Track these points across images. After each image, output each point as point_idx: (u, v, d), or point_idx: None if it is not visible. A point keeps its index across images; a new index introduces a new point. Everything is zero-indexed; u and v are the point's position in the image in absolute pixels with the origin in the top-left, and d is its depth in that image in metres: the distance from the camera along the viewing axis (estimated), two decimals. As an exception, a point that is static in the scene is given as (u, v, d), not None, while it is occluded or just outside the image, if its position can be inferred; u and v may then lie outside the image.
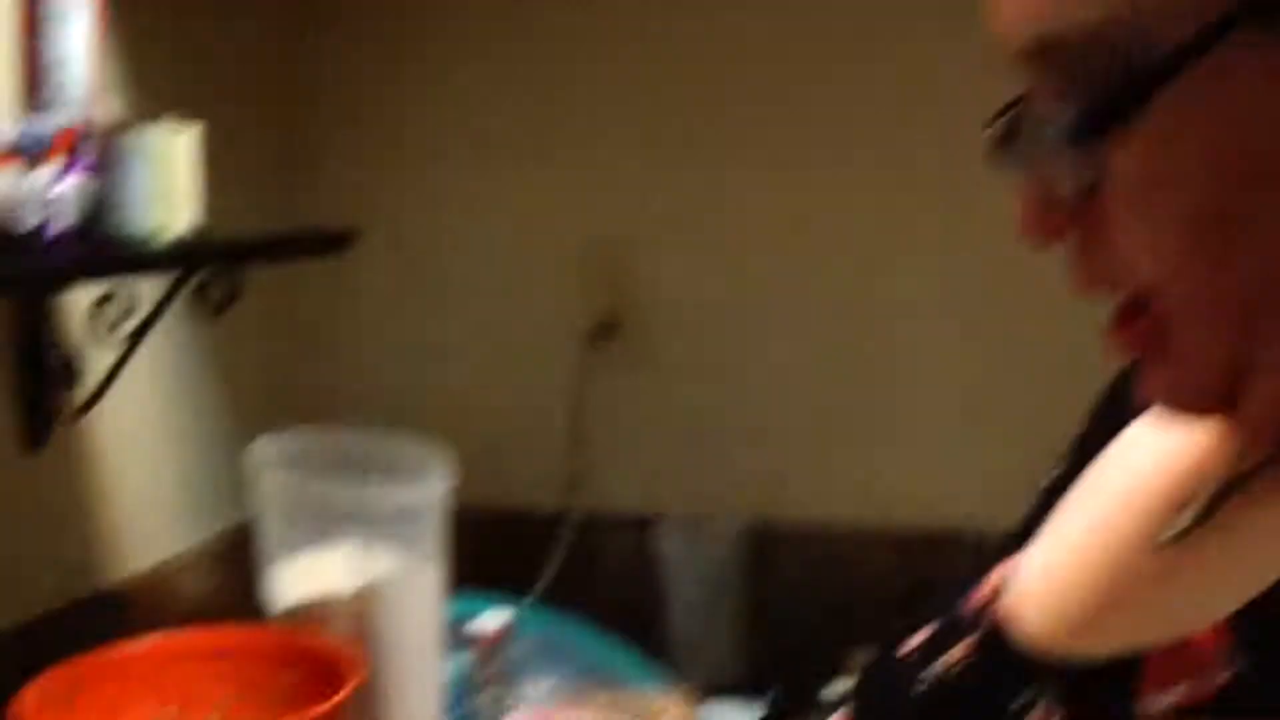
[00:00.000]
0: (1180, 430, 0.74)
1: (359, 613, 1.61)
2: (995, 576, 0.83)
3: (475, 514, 2.04)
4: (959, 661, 0.82)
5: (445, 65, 2.14)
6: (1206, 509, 0.72)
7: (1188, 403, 0.69)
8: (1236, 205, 0.64)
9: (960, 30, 1.13)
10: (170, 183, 1.52)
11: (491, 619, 1.56)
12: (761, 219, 2.03)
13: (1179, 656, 0.76)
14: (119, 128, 1.51)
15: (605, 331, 2.09)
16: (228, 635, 1.56)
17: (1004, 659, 0.79)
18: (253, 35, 2.06)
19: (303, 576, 1.65)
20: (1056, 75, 0.66)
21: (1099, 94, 0.63)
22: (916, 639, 0.86)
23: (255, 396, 2.09)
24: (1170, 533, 0.73)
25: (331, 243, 1.80)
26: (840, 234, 2.01)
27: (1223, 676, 0.75)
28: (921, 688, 0.83)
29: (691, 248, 2.07)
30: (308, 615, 1.62)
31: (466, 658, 1.60)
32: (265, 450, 1.69)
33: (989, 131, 0.71)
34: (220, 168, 1.63)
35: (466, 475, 1.86)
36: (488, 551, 2.04)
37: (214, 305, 1.66)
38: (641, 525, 2.04)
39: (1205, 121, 0.64)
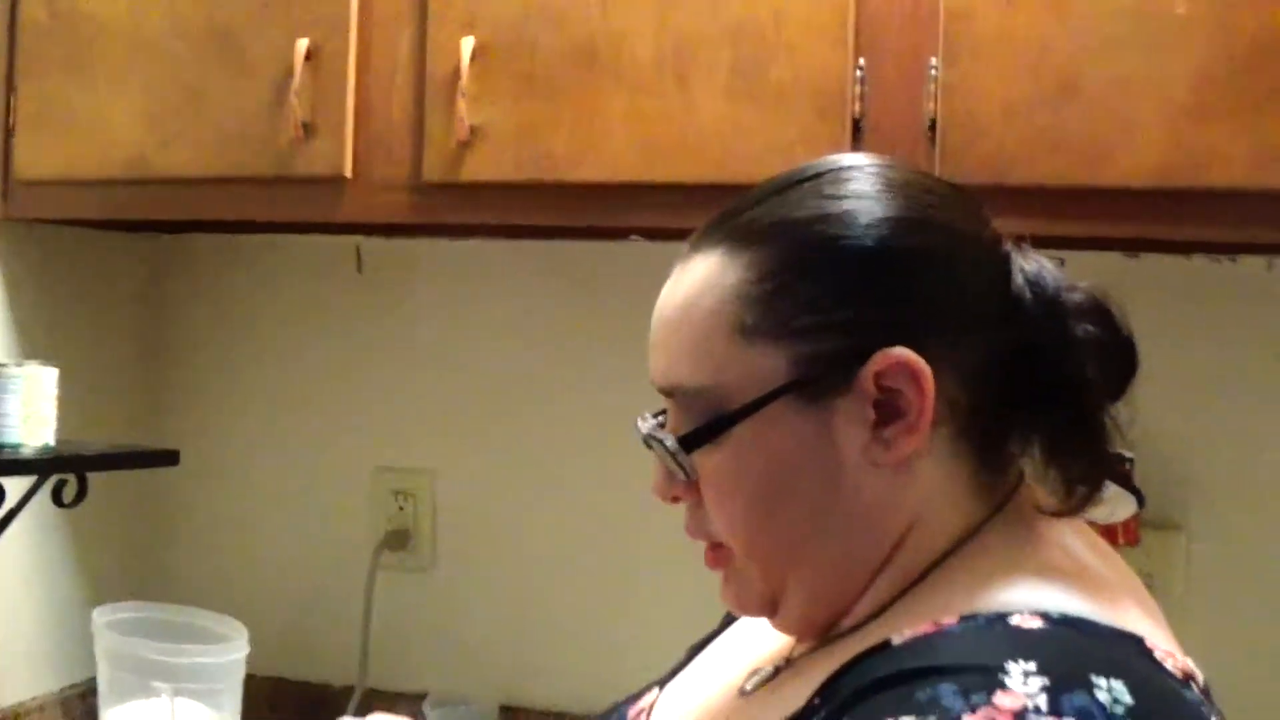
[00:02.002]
0: (764, 628, 1.13)
1: (172, 750, 1.96)
2: (646, 700, 1.21)
3: (282, 685, 2.40)
4: None
5: (264, 327, 2.49)
6: (770, 676, 1.10)
7: (746, 608, 1.10)
8: (772, 499, 1.02)
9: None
10: (35, 408, 1.92)
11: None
12: (523, 456, 2.35)
13: None
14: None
15: (396, 540, 2.40)
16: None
17: None
18: (107, 296, 2.43)
19: (128, 718, 1.98)
20: (677, 405, 1.07)
21: (697, 424, 1.03)
22: None
23: (97, 575, 2.39)
24: (748, 686, 1.12)
25: (159, 458, 2.13)
26: (591, 469, 2.31)
27: None
28: None
29: (468, 475, 2.39)
30: (131, 750, 1.97)
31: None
32: (102, 618, 2.04)
33: (641, 425, 1.10)
34: (81, 397, 2.01)
35: (275, 654, 2.19)
36: (291, 715, 2.38)
37: (66, 502, 1.99)
38: (415, 700, 2.29)
39: (758, 449, 1.01)
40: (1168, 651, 0.92)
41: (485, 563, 2.40)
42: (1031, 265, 1.04)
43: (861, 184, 1.04)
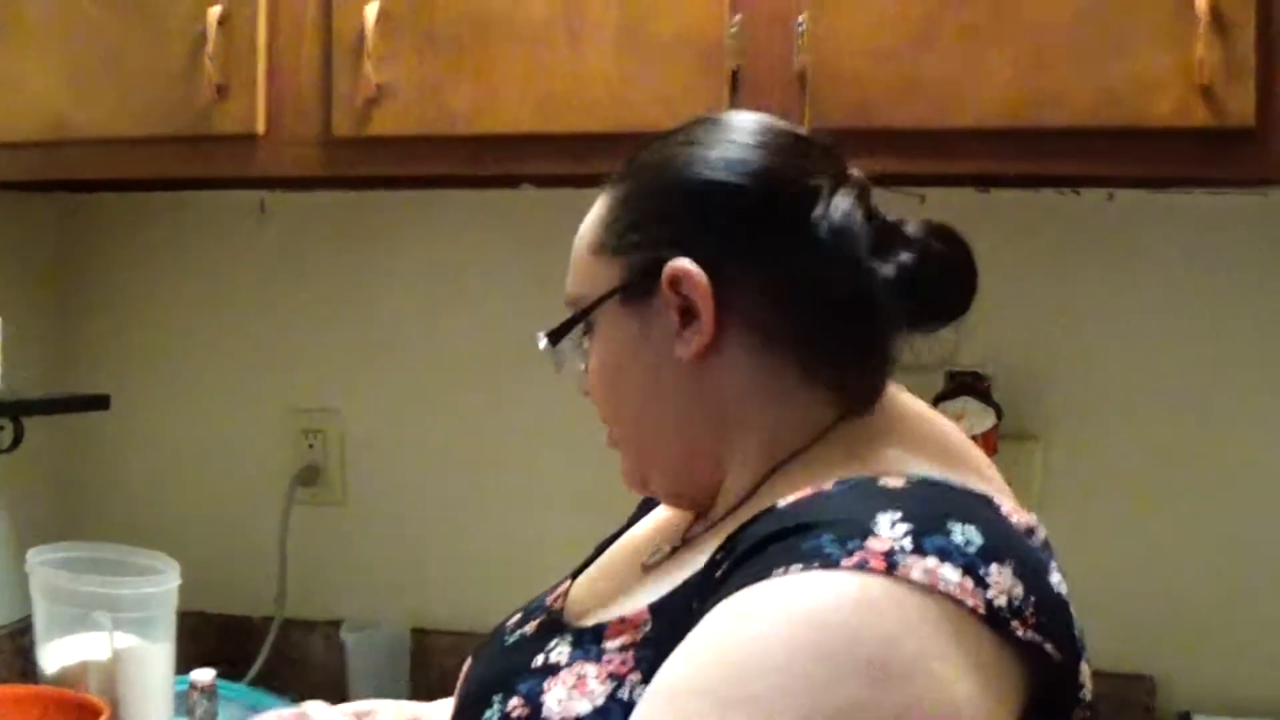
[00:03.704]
0: (667, 509, 1.32)
1: (109, 675, 2.04)
2: (561, 587, 1.34)
3: (205, 618, 2.53)
4: (534, 629, 1.26)
5: (176, 279, 2.60)
6: (669, 553, 1.25)
7: (628, 482, 1.29)
8: (616, 388, 1.23)
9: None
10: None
11: (204, 673, 2.04)
12: (424, 393, 2.49)
13: (625, 622, 1.13)
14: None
15: (307, 477, 2.53)
16: (8, 691, 2.01)
17: (553, 625, 1.24)
18: (23, 254, 2.53)
19: (68, 650, 2.07)
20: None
21: (576, 323, 1.25)
22: (517, 617, 1.32)
23: (33, 516, 2.50)
24: (649, 561, 1.26)
25: (92, 403, 2.24)
26: (488, 404, 2.45)
27: (645, 631, 1.11)
28: (510, 639, 1.27)
29: (373, 413, 2.53)
30: (71, 677, 2.05)
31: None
32: (39, 557, 2.13)
33: (542, 339, 1.29)
34: (11, 348, 2.10)
35: (198, 589, 2.30)
36: (214, 646, 2.49)
37: (3, 448, 2.11)
38: (331, 627, 2.45)
39: (605, 346, 1.23)
40: (1012, 509, 1.07)
41: (392, 495, 2.54)
42: (843, 204, 1.16)
43: (707, 132, 1.22)
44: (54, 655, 2.09)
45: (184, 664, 2.15)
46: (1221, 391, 2.21)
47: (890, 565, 0.94)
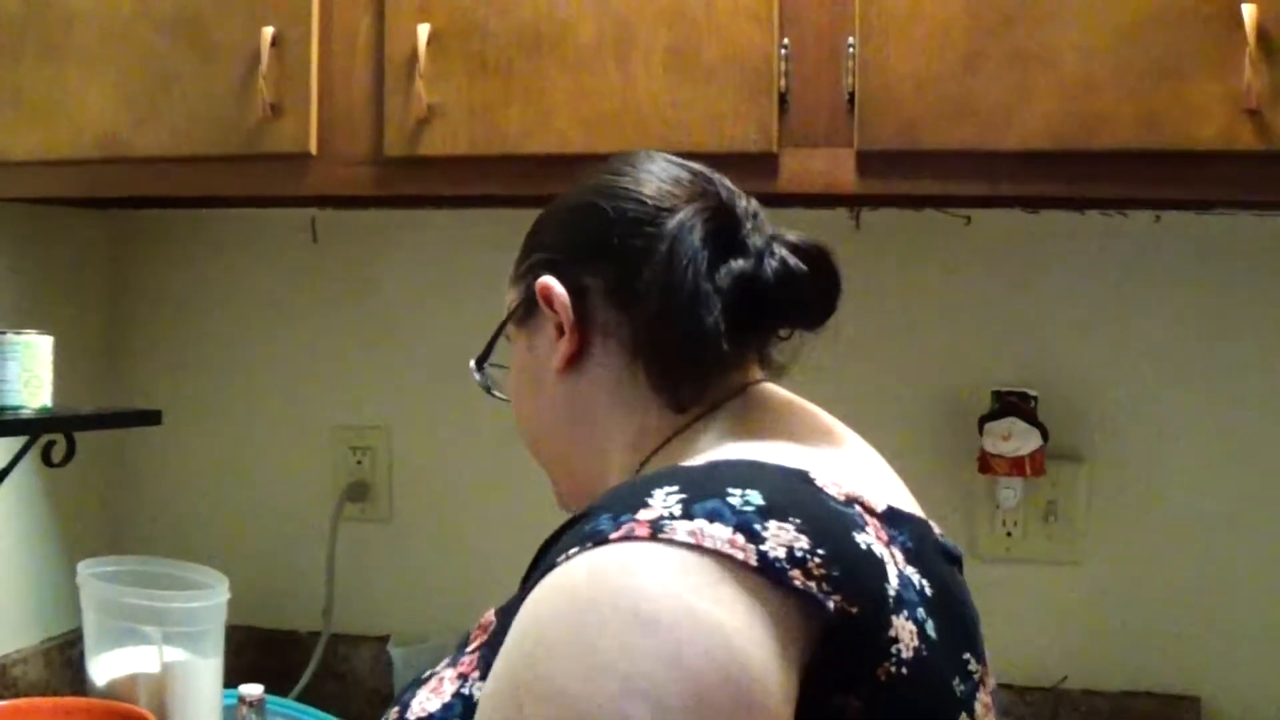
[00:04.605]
0: None
1: (158, 688, 2.07)
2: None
3: (252, 633, 2.55)
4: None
5: (227, 296, 2.63)
6: None
7: (556, 502, 1.40)
8: (517, 404, 1.37)
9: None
10: (33, 373, 2.03)
11: (253, 688, 2.07)
12: (471, 410, 2.28)
13: (481, 628, 1.12)
14: (-1, 335, 2.03)
15: (356, 493, 2.55)
16: (59, 703, 2.04)
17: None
18: (79, 269, 2.57)
19: (117, 663, 2.10)
20: None
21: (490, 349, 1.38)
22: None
23: (84, 530, 2.53)
24: None
25: (143, 418, 2.25)
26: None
27: (490, 632, 1.09)
28: (426, 676, 1.22)
29: (421, 430, 2.55)
30: (121, 690, 2.07)
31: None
32: (89, 570, 2.15)
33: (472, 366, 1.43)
34: (64, 364, 2.11)
35: (246, 604, 2.32)
36: (262, 661, 2.50)
37: (55, 462, 2.12)
38: (379, 642, 2.47)
39: (515, 356, 1.35)
40: (832, 481, 1.06)
41: (440, 511, 2.56)
42: (682, 216, 1.20)
43: (599, 168, 1.31)
44: (104, 668, 2.12)
45: (232, 678, 2.16)
46: (1269, 412, 2.21)
47: (655, 531, 0.96)
